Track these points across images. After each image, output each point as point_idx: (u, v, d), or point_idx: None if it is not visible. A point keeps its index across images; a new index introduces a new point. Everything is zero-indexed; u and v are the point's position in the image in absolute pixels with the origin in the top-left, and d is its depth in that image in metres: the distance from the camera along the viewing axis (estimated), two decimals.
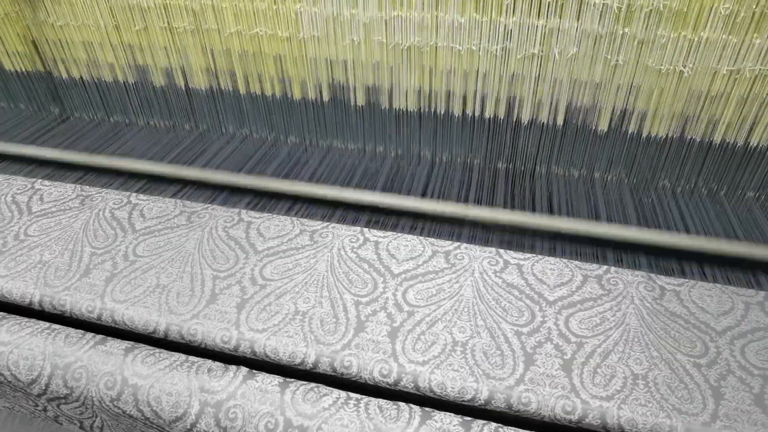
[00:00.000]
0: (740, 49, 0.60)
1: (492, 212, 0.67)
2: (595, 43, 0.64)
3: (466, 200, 0.73)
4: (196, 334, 0.55)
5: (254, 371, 0.52)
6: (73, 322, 0.60)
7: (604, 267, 0.59)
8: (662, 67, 0.64)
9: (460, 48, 0.68)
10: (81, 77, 0.89)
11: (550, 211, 0.71)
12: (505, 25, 0.65)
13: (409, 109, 0.76)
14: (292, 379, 0.52)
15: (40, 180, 0.75)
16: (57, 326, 0.58)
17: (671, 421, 0.47)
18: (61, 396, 0.55)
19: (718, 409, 0.47)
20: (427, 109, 0.75)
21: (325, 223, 0.66)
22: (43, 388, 0.55)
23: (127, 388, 0.52)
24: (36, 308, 0.61)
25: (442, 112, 0.75)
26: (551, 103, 0.70)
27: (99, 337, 0.56)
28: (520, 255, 0.61)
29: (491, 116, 0.73)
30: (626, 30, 0.62)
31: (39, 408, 0.60)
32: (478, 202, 0.73)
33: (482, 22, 0.66)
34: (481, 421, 0.48)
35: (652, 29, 0.62)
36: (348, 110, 0.78)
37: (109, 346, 0.55)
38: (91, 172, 0.81)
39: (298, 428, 0.48)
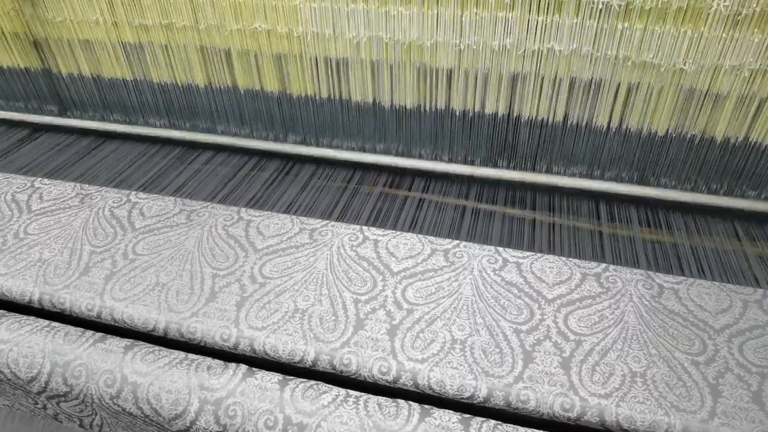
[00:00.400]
0: (741, 45, 0.60)
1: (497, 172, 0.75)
2: (595, 39, 0.64)
3: (466, 197, 0.73)
4: (196, 332, 0.56)
5: (254, 369, 0.52)
6: (73, 320, 0.60)
7: (603, 265, 0.59)
8: (662, 64, 0.63)
9: (460, 44, 0.68)
10: (80, 74, 0.89)
11: (551, 208, 0.71)
12: (505, 21, 0.65)
13: (408, 106, 0.76)
14: (292, 377, 0.52)
15: (39, 178, 0.75)
16: (56, 324, 0.58)
17: (669, 419, 0.47)
18: (61, 394, 0.55)
19: (716, 407, 0.47)
20: (427, 106, 0.75)
21: (325, 221, 0.66)
22: (43, 385, 0.55)
23: (126, 385, 0.52)
24: (35, 306, 0.61)
25: (443, 109, 0.75)
26: (551, 100, 0.70)
27: (98, 335, 0.56)
28: (518, 253, 0.61)
29: (492, 113, 0.73)
30: (625, 25, 0.62)
31: (39, 406, 0.60)
32: (479, 199, 0.73)
33: (482, 18, 0.66)
34: (480, 419, 0.48)
35: (652, 25, 0.61)
36: (348, 107, 0.78)
37: (109, 344, 0.55)
38: (90, 169, 0.81)
39: (297, 425, 0.48)
